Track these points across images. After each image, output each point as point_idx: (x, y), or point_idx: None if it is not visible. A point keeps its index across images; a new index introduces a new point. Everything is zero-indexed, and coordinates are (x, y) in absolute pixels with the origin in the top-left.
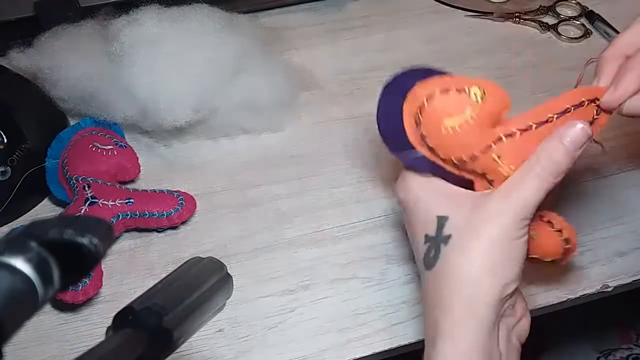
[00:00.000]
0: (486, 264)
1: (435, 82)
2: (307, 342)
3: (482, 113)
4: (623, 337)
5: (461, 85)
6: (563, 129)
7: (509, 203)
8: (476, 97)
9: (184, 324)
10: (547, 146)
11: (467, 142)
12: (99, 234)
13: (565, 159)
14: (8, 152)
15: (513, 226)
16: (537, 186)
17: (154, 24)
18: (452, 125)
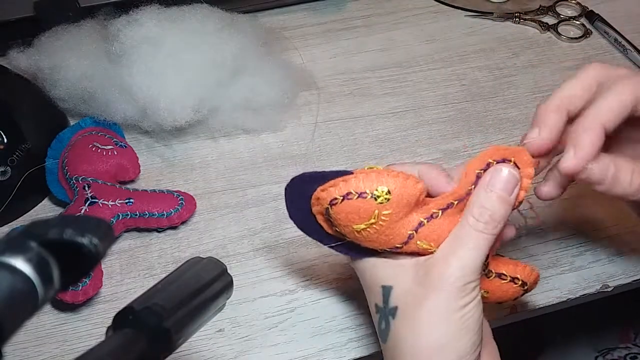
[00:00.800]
0: (433, 338)
1: (336, 186)
2: (307, 342)
3: (392, 212)
4: (622, 336)
5: (362, 188)
6: (488, 178)
7: (449, 270)
8: (382, 198)
9: (184, 324)
10: (476, 199)
11: (384, 239)
12: (99, 234)
13: (500, 206)
14: (8, 152)
15: (456, 294)
16: (476, 244)
17: (153, 24)
18: (362, 228)
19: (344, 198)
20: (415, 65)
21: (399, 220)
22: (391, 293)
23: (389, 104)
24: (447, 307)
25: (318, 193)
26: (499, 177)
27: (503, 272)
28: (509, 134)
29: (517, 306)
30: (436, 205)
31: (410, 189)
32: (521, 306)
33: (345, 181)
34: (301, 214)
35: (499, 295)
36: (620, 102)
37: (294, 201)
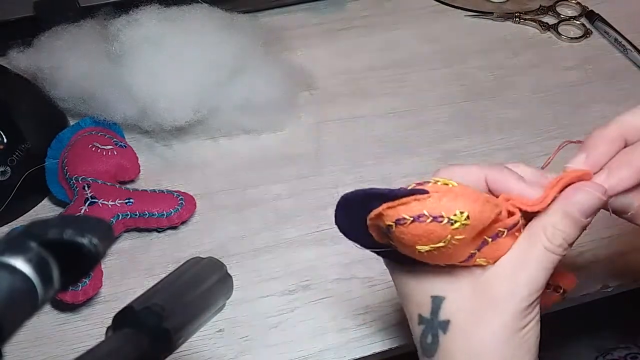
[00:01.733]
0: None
1: (407, 204)
2: (307, 342)
3: (466, 237)
4: (622, 336)
5: (439, 211)
6: (570, 197)
7: (516, 285)
8: (459, 223)
9: (184, 324)
10: (550, 217)
11: (445, 259)
12: (99, 234)
13: (574, 229)
14: (8, 152)
15: (522, 312)
16: (545, 262)
17: (154, 24)
18: (427, 250)
19: (414, 220)
20: (415, 65)
21: (467, 243)
22: (442, 305)
23: (389, 104)
24: (509, 327)
25: (383, 209)
26: (582, 198)
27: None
28: (509, 134)
29: None
30: (503, 225)
31: (488, 213)
32: None
33: (419, 201)
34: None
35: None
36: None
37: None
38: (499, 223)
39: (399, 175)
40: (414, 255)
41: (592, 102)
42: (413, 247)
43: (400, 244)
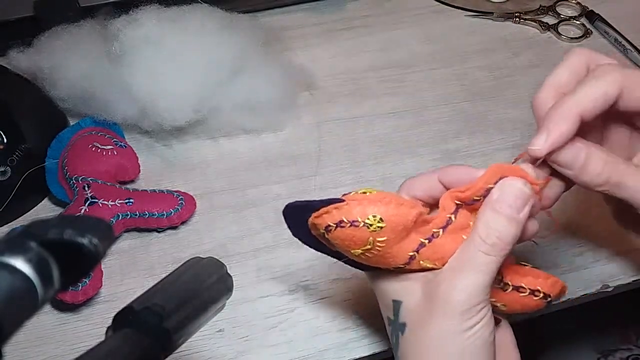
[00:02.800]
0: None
1: (329, 213)
2: (307, 342)
3: (388, 238)
4: (623, 338)
5: (354, 216)
6: (496, 193)
7: (453, 288)
8: (374, 226)
9: (184, 324)
10: (483, 218)
11: (384, 262)
12: (99, 234)
13: (508, 227)
14: (8, 152)
15: (460, 317)
16: (482, 267)
17: (153, 24)
18: (360, 253)
19: (337, 226)
20: (415, 65)
21: (397, 244)
22: (400, 308)
23: (389, 104)
24: (451, 331)
25: (313, 219)
26: (508, 193)
27: (522, 285)
28: (509, 134)
29: None
30: (435, 225)
31: (404, 215)
32: None
33: (338, 209)
34: (304, 235)
35: (519, 307)
36: (603, 94)
37: (294, 224)
38: (431, 224)
39: (399, 175)
40: (358, 260)
41: None
42: (349, 251)
43: (340, 249)
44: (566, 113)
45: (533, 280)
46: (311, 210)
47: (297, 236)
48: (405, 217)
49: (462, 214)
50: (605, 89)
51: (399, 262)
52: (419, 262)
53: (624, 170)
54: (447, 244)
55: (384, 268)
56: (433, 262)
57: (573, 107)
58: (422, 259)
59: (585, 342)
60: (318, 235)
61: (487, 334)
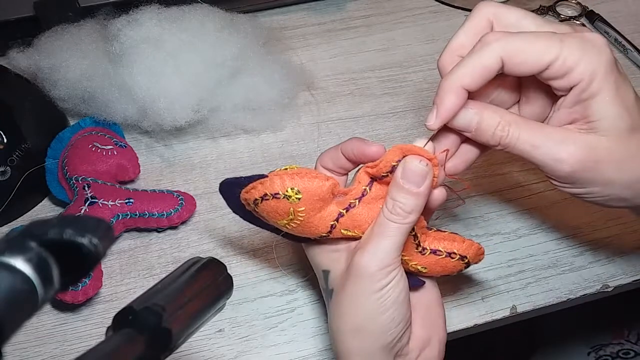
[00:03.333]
0: (351, 320)
1: (255, 188)
2: (307, 342)
3: (306, 208)
4: (615, 333)
5: (275, 189)
6: (399, 172)
7: (366, 256)
8: (293, 197)
9: (184, 324)
10: (389, 191)
11: (308, 231)
12: (99, 234)
13: (409, 199)
14: (8, 152)
15: (371, 279)
16: (390, 234)
17: (153, 24)
18: (285, 223)
19: (262, 199)
20: (415, 65)
21: (316, 214)
22: (329, 277)
23: (389, 104)
24: (363, 291)
25: (243, 195)
26: (408, 170)
27: (439, 249)
28: None
29: (517, 306)
30: (352, 196)
31: (319, 187)
32: (521, 306)
33: (261, 184)
34: (241, 210)
35: (439, 270)
36: (481, 67)
37: (230, 201)
38: (348, 196)
39: None
40: (287, 231)
41: None
42: (277, 222)
43: (270, 221)
44: (450, 87)
45: (449, 244)
46: (240, 186)
47: (235, 211)
48: (319, 188)
49: (377, 186)
50: (483, 61)
51: (322, 231)
52: (340, 230)
53: (517, 128)
54: (364, 214)
55: (313, 238)
56: (353, 230)
57: (455, 81)
58: (342, 228)
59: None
60: (250, 209)
61: (397, 294)
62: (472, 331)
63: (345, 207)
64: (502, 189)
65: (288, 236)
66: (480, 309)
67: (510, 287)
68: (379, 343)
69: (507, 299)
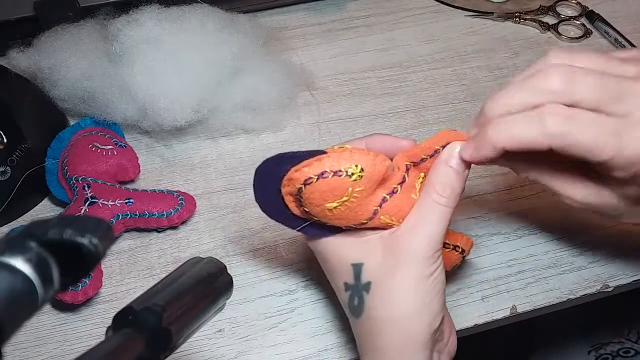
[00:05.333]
0: (409, 305)
1: (310, 165)
2: (307, 342)
3: (364, 188)
4: (615, 331)
5: (337, 166)
6: (446, 153)
7: (417, 240)
8: (356, 175)
9: (184, 324)
10: (437, 175)
11: (352, 216)
12: (99, 234)
13: (457, 180)
14: (8, 152)
15: (426, 262)
16: (439, 216)
17: (153, 23)
18: (334, 206)
19: (318, 177)
20: (415, 65)
21: (367, 197)
22: (362, 269)
23: (389, 104)
24: (417, 276)
25: (291, 174)
26: (456, 152)
27: (447, 242)
28: None
29: (516, 306)
30: (395, 181)
31: (379, 165)
32: (521, 306)
33: (320, 160)
34: (268, 196)
35: (444, 263)
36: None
37: (263, 183)
38: (392, 180)
39: None
40: (326, 218)
41: None
42: (323, 206)
43: (311, 206)
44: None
45: (453, 237)
46: (291, 162)
47: (260, 198)
48: (380, 166)
49: (410, 174)
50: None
51: (365, 216)
52: (379, 217)
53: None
54: (403, 200)
55: (344, 227)
56: (391, 217)
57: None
58: (382, 214)
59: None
60: (290, 193)
61: (444, 277)
62: (472, 331)
63: (389, 192)
64: (502, 189)
65: (311, 228)
66: (480, 309)
67: (510, 287)
68: (432, 327)
69: (507, 299)
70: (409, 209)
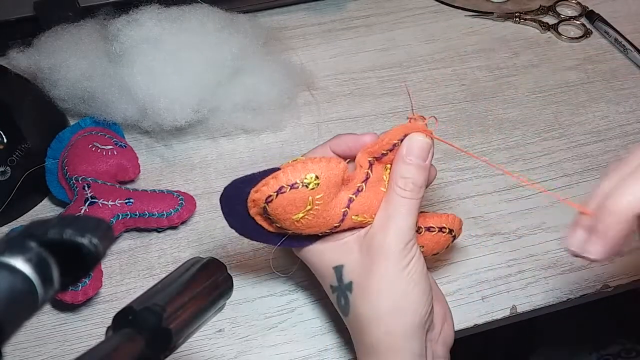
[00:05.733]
0: (388, 301)
1: (267, 184)
2: (307, 342)
3: (324, 194)
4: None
5: (292, 180)
6: (404, 148)
7: (388, 237)
8: (312, 184)
9: (184, 324)
10: (397, 170)
11: (322, 222)
12: (99, 234)
13: (418, 174)
14: (8, 152)
15: (398, 256)
16: (406, 209)
17: (153, 23)
18: (301, 217)
19: (277, 193)
20: (415, 65)
21: (331, 201)
22: (343, 271)
23: (389, 104)
24: (393, 270)
25: (252, 195)
26: (414, 146)
27: (431, 225)
28: (509, 134)
29: (516, 306)
30: (359, 180)
31: (334, 169)
32: (521, 306)
33: (275, 177)
34: (240, 220)
35: (433, 246)
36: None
37: (231, 209)
38: (355, 179)
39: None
40: (298, 229)
41: (592, 102)
42: (290, 219)
43: (280, 221)
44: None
45: (438, 219)
46: (249, 185)
47: (233, 225)
48: (336, 169)
49: (375, 169)
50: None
51: (335, 220)
52: (350, 217)
53: None
54: (370, 196)
55: (320, 234)
56: (363, 214)
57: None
58: (353, 214)
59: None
60: (258, 213)
61: (421, 267)
62: (472, 331)
63: (354, 191)
64: (502, 189)
65: (290, 241)
66: (480, 309)
67: (510, 287)
68: (417, 318)
69: (507, 299)
70: (379, 204)
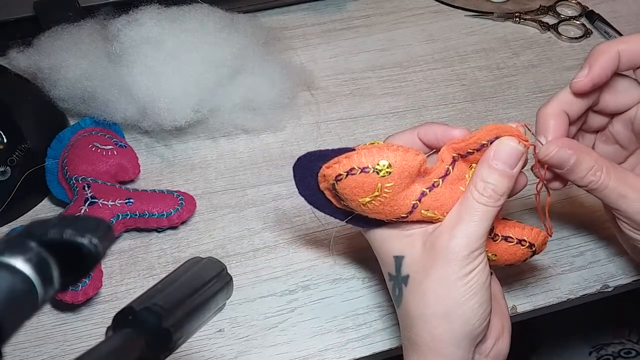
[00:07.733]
0: (439, 306)
1: (339, 162)
2: (307, 342)
3: (395, 184)
4: (616, 332)
5: (364, 163)
6: (492, 151)
7: (453, 241)
8: (383, 171)
9: (184, 324)
10: (479, 173)
11: (389, 210)
12: (99, 234)
13: (501, 181)
14: (8, 152)
15: (461, 262)
16: (480, 216)
17: (153, 23)
18: (367, 201)
19: (347, 174)
20: (415, 65)
21: (401, 192)
22: (403, 262)
23: (389, 104)
24: (452, 276)
25: (323, 170)
26: (502, 151)
27: (510, 235)
28: None
29: (516, 306)
30: (436, 175)
31: (410, 161)
32: (521, 306)
33: (348, 157)
34: (310, 190)
35: (507, 257)
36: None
37: (302, 179)
38: (433, 174)
39: None
40: (364, 212)
41: None
42: (357, 201)
43: (347, 200)
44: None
45: (519, 230)
46: (322, 160)
47: (303, 193)
48: (410, 162)
49: (458, 166)
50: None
51: (403, 210)
52: (420, 211)
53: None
54: (446, 194)
55: (387, 220)
56: (433, 211)
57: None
58: (423, 208)
59: (578, 337)
60: (327, 188)
61: (484, 278)
62: None
63: (428, 186)
64: None
65: (356, 220)
66: None
67: (510, 287)
68: (466, 329)
69: (507, 299)
70: (454, 203)
